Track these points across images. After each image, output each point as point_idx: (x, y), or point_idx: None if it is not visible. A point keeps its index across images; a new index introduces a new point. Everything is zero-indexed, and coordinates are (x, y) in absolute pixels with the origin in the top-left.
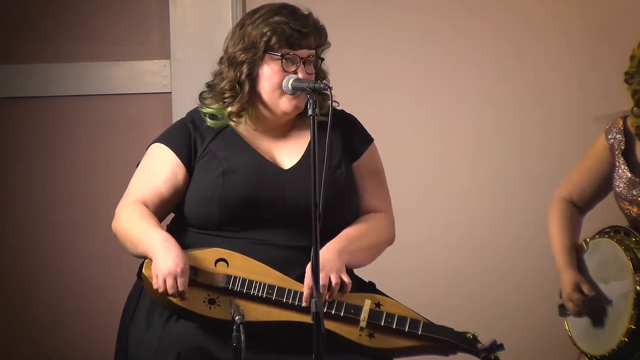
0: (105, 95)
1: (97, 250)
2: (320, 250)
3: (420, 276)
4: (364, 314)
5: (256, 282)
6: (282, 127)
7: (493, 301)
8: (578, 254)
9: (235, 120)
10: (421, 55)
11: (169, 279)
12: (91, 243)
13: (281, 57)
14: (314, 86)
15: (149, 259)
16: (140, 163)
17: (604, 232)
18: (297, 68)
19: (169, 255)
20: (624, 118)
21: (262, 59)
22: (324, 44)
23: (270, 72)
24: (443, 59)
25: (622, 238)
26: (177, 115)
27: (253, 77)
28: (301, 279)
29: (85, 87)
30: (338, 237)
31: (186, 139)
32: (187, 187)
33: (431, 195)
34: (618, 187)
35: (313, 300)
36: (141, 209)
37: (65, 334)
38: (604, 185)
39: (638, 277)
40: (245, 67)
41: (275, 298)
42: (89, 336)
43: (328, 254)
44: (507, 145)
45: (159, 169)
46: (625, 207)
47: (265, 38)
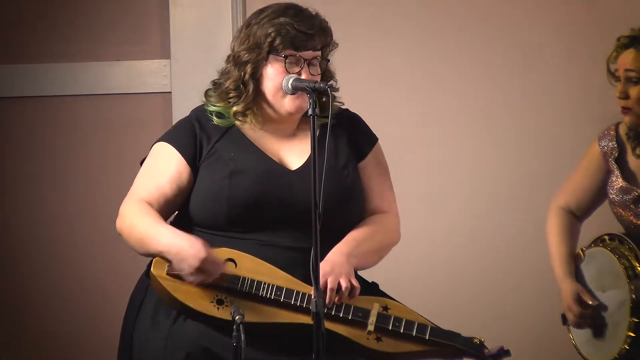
0: (105, 95)
1: (97, 250)
2: (328, 252)
3: (420, 276)
4: (372, 318)
5: (265, 283)
6: (288, 127)
7: (493, 301)
8: (575, 262)
9: (241, 119)
10: (423, 56)
11: (204, 265)
12: (92, 242)
13: (284, 58)
14: (313, 86)
15: (157, 257)
16: (144, 161)
17: (599, 240)
18: (301, 69)
19: (184, 243)
20: (617, 125)
21: (266, 59)
22: (330, 45)
23: (273, 72)
24: (445, 60)
25: (617, 246)
26: (177, 115)
27: (257, 77)
28: (307, 280)
29: (85, 87)
30: (346, 239)
31: (192, 138)
32: (192, 187)
33: (432, 196)
34: (612, 193)
35: (313, 300)
36: (145, 207)
37: (65, 334)
38: (600, 191)
39: (632, 286)
40: (249, 67)
41: (283, 300)
42: (90, 336)
43: (337, 257)
44: (508, 146)
45: (164, 168)
46: (619, 213)
47: (270, 39)
